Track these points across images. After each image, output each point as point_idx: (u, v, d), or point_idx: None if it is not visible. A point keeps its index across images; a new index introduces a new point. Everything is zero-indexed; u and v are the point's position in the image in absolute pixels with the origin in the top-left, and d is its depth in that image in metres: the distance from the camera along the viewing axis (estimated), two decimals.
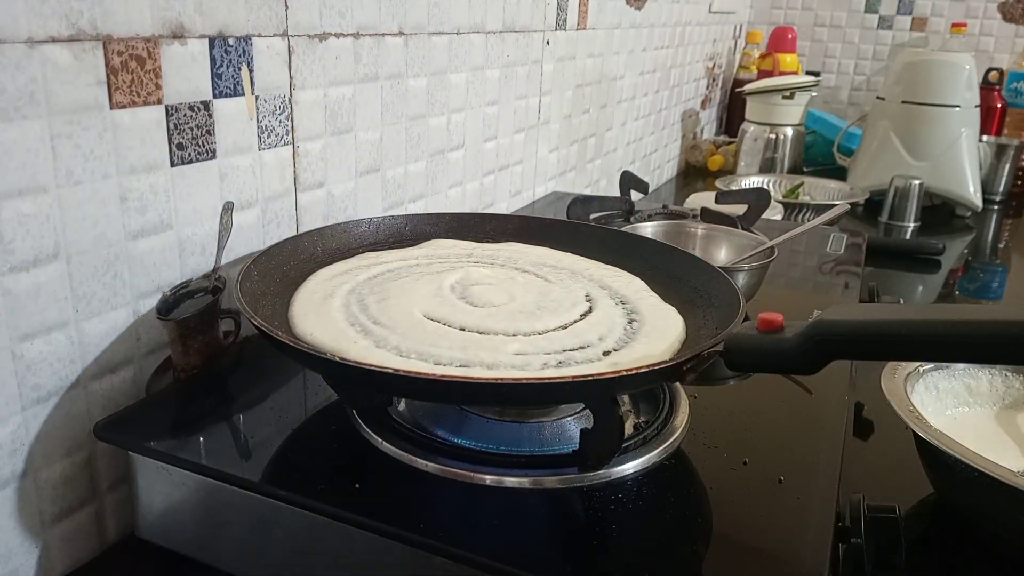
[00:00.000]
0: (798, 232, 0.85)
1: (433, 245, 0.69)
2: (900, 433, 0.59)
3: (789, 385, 0.62)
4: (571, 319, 0.55)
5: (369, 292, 0.57)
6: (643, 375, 0.44)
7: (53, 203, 0.50)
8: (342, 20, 0.72)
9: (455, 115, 0.94)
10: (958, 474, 0.54)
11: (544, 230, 0.73)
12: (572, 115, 1.30)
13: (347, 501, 0.45)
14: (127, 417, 0.54)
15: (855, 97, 2.32)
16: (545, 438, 0.52)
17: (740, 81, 2.15)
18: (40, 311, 0.50)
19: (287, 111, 0.68)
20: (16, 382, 0.50)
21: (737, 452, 0.52)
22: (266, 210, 0.68)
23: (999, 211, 1.71)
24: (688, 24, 1.81)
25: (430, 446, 0.50)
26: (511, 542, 0.44)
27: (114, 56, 0.52)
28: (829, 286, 0.92)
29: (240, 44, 0.62)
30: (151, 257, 0.58)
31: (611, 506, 0.46)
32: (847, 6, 2.27)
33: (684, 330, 0.55)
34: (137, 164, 0.55)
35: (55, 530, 0.54)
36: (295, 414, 0.56)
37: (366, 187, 0.80)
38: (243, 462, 0.50)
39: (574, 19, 1.22)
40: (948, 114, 1.56)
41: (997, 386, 0.67)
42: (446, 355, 0.49)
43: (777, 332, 0.46)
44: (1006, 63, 2.08)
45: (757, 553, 0.44)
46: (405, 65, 0.82)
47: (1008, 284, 1.29)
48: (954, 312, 0.43)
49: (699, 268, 0.63)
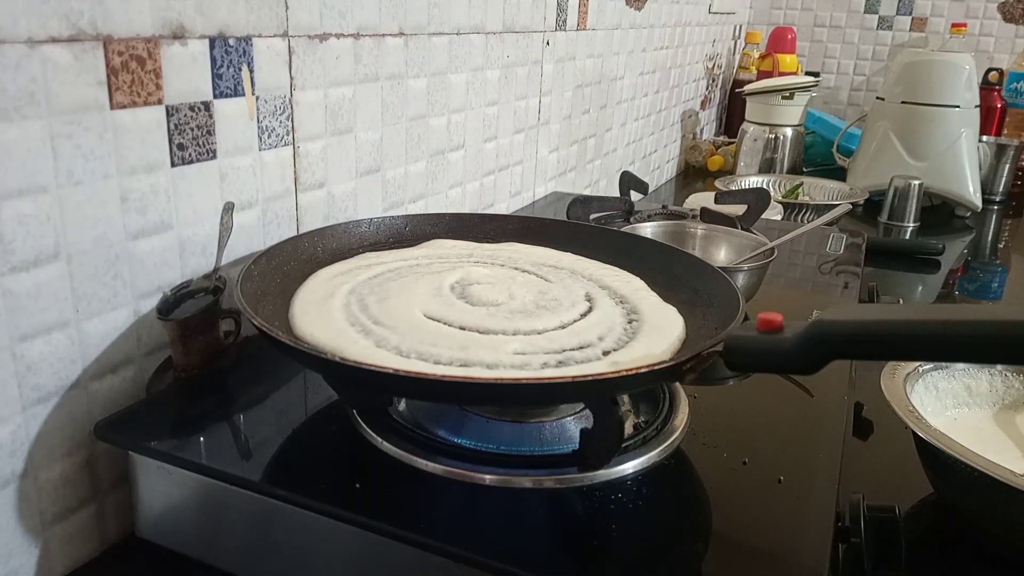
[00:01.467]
0: (798, 232, 0.85)
1: (433, 245, 0.69)
2: (900, 433, 0.59)
3: (789, 385, 0.62)
4: (571, 319, 0.55)
5: (369, 292, 0.57)
6: (643, 375, 0.44)
7: (53, 203, 0.50)
8: (342, 20, 0.72)
9: (455, 115, 0.94)
10: (958, 474, 0.54)
11: (544, 230, 0.73)
12: (572, 115, 1.30)
13: (347, 501, 0.45)
14: (127, 417, 0.54)
15: (855, 97, 2.32)
16: (545, 438, 0.52)
17: (740, 81, 2.15)
18: (40, 311, 0.50)
19: (287, 111, 0.68)
20: (16, 382, 0.50)
21: (737, 452, 0.52)
22: (266, 210, 0.68)
23: (999, 211, 1.71)
24: (688, 24, 1.81)
25: (430, 446, 0.50)
26: (511, 542, 0.44)
27: (114, 56, 0.52)
28: (829, 286, 0.92)
29: (240, 44, 0.62)
30: (151, 257, 0.58)
31: (611, 506, 0.46)
32: (847, 6, 2.27)
33: (684, 330, 0.55)
34: (137, 164, 0.55)
35: (55, 530, 0.54)
36: (295, 414, 0.56)
37: (366, 187, 0.80)
38: (243, 462, 0.50)
39: (574, 19, 1.22)
40: (948, 114, 1.56)
41: (997, 386, 0.67)
42: (446, 355, 0.49)
43: (777, 332, 0.46)
44: (1006, 63, 2.08)
45: (757, 553, 0.44)
46: (405, 65, 0.82)
47: (1008, 284, 1.29)
48: (954, 312, 0.43)
49: (699, 268, 0.63)
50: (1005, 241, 1.54)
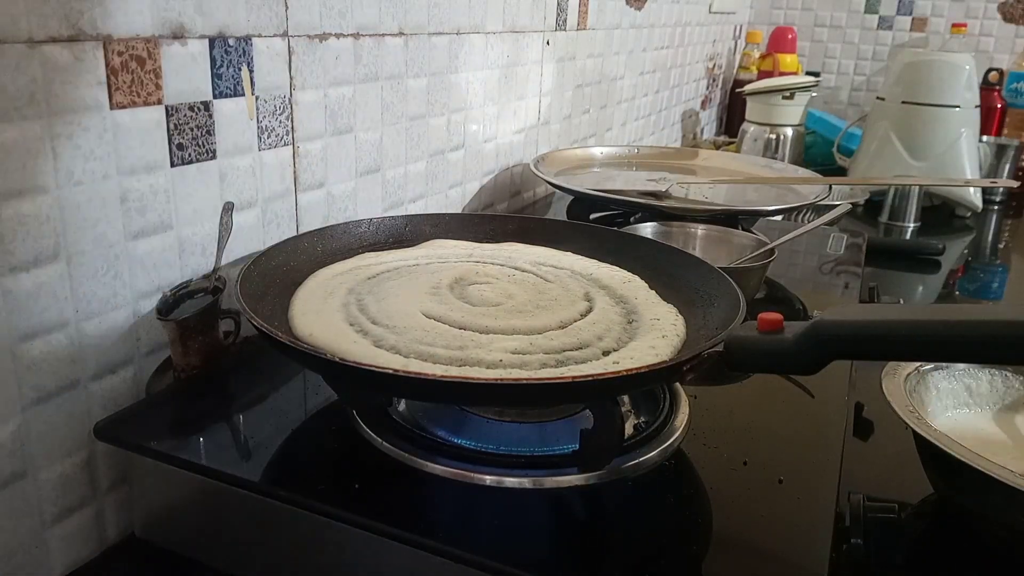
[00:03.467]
0: (798, 233, 0.85)
1: (433, 245, 0.69)
2: (900, 433, 0.59)
3: (789, 385, 0.62)
4: (570, 318, 0.55)
5: (368, 292, 0.57)
6: (643, 375, 0.44)
7: (53, 203, 0.50)
8: (342, 20, 0.72)
9: (455, 115, 0.94)
10: (958, 474, 0.54)
11: (544, 230, 0.73)
12: (572, 115, 1.30)
13: (347, 501, 0.45)
14: (127, 417, 0.54)
15: (855, 97, 2.32)
16: (545, 438, 0.52)
17: (740, 81, 2.15)
18: (40, 311, 0.50)
19: (287, 111, 0.68)
20: (16, 382, 0.50)
21: (737, 452, 0.52)
22: (266, 210, 0.68)
23: (999, 211, 1.71)
24: (688, 24, 1.81)
25: (430, 446, 0.50)
26: (511, 542, 0.44)
27: (114, 56, 0.52)
28: (829, 286, 0.92)
29: (240, 44, 0.62)
30: (151, 257, 0.58)
31: (611, 506, 0.46)
32: (847, 6, 2.27)
33: (684, 330, 0.55)
34: (137, 164, 0.55)
35: (55, 530, 0.54)
36: (295, 414, 0.56)
37: (366, 187, 0.80)
38: (243, 462, 0.50)
39: (574, 19, 1.22)
40: (948, 114, 1.56)
41: (997, 387, 0.67)
42: (445, 355, 0.49)
43: (777, 332, 0.46)
44: (1006, 63, 2.08)
45: (757, 553, 0.44)
46: (405, 65, 0.82)
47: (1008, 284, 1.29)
48: (954, 312, 0.43)
49: (699, 268, 0.63)
50: (1005, 241, 1.54)
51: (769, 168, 1.26)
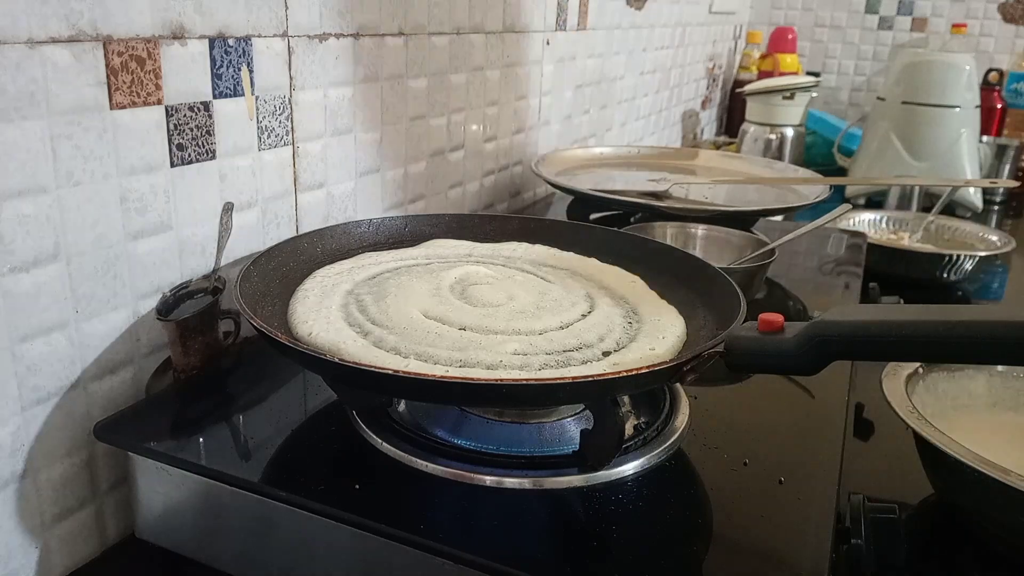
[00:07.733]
0: (799, 233, 0.85)
1: (433, 245, 0.69)
2: (900, 434, 0.59)
3: (789, 386, 0.62)
4: (571, 319, 0.55)
5: (368, 292, 0.57)
6: (643, 376, 0.44)
7: (53, 204, 0.50)
8: (342, 20, 0.72)
9: (455, 115, 0.94)
10: (958, 474, 0.54)
11: (544, 230, 0.73)
12: (572, 115, 1.30)
13: (347, 501, 0.45)
14: (127, 417, 0.53)
15: (855, 97, 2.32)
16: (545, 439, 0.52)
17: (740, 81, 2.15)
18: (40, 312, 0.50)
19: (287, 111, 0.68)
20: (16, 383, 0.50)
21: (737, 453, 0.52)
22: (266, 211, 0.68)
23: (999, 211, 1.71)
24: (688, 25, 1.81)
25: (430, 447, 0.50)
26: (511, 543, 0.44)
27: (114, 56, 0.52)
28: (829, 286, 0.92)
29: (240, 44, 0.62)
30: (151, 258, 0.58)
31: (611, 507, 0.46)
32: (847, 6, 2.27)
33: (684, 330, 0.55)
34: (137, 165, 0.55)
35: (55, 530, 0.54)
36: (295, 414, 0.56)
37: (366, 188, 0.80)
38: (243, 462, 0.50)
39: (574, 19, 1.22)
40: (948, 115, 1.56)
41: (996, 387, 0.67)
42: (445, 355, 0.49)
43: (777, 333, 0.46)
44: (1006, 63, 2.08)
45: (757, 553, 0.44)
46: (405, 66, 0.82)
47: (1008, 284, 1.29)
48: (954, 313, 0.43)
49: (699, 268, 0.63)
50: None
51: (769, 168, 1.26)
